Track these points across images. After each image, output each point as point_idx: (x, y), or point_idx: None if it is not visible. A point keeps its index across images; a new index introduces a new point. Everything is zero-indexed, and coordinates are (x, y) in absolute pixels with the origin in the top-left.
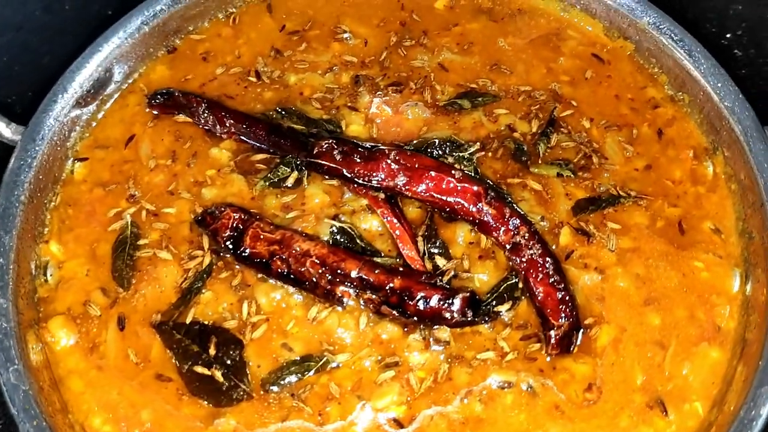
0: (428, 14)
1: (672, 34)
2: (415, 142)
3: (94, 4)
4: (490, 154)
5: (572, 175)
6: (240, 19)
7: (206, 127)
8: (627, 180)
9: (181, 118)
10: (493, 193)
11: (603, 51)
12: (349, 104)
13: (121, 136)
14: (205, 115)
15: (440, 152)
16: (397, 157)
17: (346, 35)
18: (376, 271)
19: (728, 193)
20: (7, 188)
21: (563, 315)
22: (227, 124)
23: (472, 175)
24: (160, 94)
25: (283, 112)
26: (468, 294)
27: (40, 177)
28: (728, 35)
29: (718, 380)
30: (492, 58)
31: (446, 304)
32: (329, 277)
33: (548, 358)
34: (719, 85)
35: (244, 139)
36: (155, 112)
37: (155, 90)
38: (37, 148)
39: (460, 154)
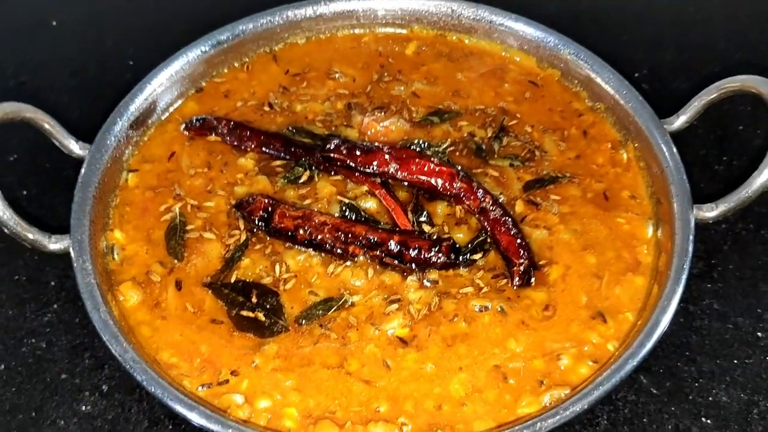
0: (401, 58)
1: (586, 60)
2: (400, 143)
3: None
4: (457, 153)
5: (521, 165)
6: (252, 67)
7: (234, 144)
8: (563, 166)
9: (212, 138)
10: (463, 173)
11: (537, 78)
12: (345, 123)
13: (164, 154)
14: (233, 133)
15: (420, 149)
16: (389, 150)
17: (337, 75)
18: (379, 231)
19: (639, 170)
20: (82, 186)
21: (522, 256)
22: (251, 140)
23: (446, 161)
24: (196, 119)
25: (294, 130)
26: (450, 241)
27: (105, 181)
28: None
29: (641, 297)
30: (452, 88)
31: (434, 249)
32: (343, 239)
33: (514, 288)
34: (624, 92)
35: (265, 150)
36: (190, 135)
37: (190, 117)
38: (101, 161)
39: (435, 149)
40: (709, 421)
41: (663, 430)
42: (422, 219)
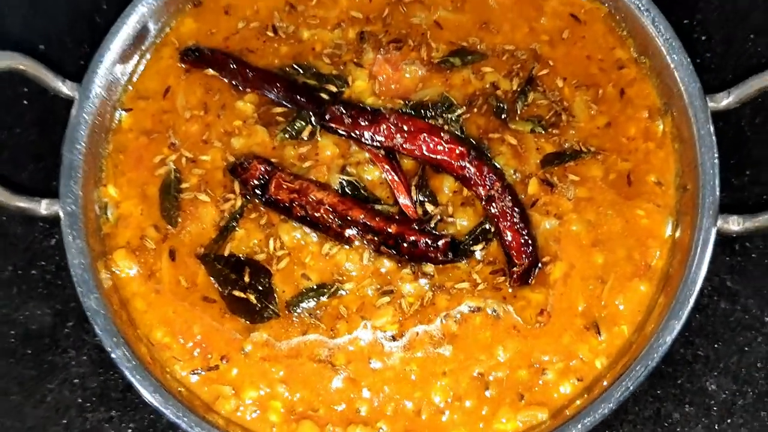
0: None
1: (640, 4)
2: (411, 103)
3: None
4: (476, 110)
5: (543, 131)
6: None
7: (232, 82)
8: (589, 136)
9: (210, 72)
10: (474, 153)
11: (581, 11)
12: (355, 60)
13: (159, 88)
14: (231, 70)
15: (432, 113)
16: (395, 121)
17: None
18: (377, 219)
19: (672, 150)
20: (70, 143)
21: (524, 255)
22: (250, 80)
23: (459, 135)
24: (191, 51)
25: (299, 69)
26: (449, 239)
27: (95, 129)
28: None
29: (643, 309)
30: (482, 17)
31: (431, 247)
32: (339, 222)
33: (510, 290)
34: (674, 56)
35: (266, 93)
36: (186, 68)
37: (186, 46)
38: (91, 104)
39: (449, 116)
40: (691, 409)
41: (644, 413)
42: (425, 198)
